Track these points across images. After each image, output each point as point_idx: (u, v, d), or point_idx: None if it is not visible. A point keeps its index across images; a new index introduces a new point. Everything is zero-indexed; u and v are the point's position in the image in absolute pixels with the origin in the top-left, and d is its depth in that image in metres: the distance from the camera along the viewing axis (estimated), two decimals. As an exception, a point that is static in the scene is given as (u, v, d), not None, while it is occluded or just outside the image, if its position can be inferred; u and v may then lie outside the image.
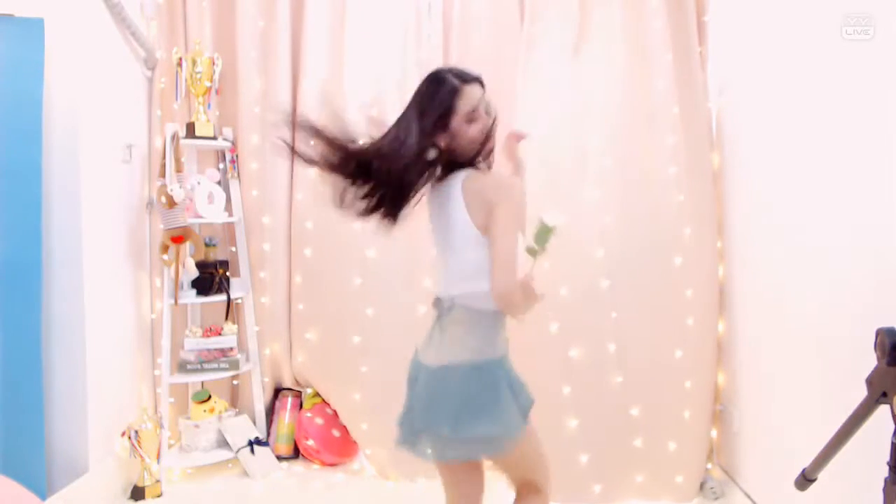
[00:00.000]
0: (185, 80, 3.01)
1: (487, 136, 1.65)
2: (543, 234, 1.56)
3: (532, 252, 1.58)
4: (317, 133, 1.63)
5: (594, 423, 2.75)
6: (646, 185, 2.80)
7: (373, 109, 3.02)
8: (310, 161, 1.66)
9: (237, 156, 3.15)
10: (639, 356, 2.77)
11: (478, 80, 1.67)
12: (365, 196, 1.64)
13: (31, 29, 2.33)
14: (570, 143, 2.84)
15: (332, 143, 1.62)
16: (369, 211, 1.66)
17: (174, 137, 2.91)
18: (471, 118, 1.63)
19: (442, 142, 1.64)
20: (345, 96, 3.03)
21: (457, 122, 1.63)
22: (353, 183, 1.64)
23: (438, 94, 1.64)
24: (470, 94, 1.63)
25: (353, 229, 3.01)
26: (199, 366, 3.04)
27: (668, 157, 2.79)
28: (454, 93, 1.62)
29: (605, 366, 2.78)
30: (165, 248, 2.88)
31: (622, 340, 2.78)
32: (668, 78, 2.79)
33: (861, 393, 1.16)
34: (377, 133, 1.67)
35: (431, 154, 1.63)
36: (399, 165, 1.60)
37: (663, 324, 2.77)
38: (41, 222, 2.37)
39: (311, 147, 1.65)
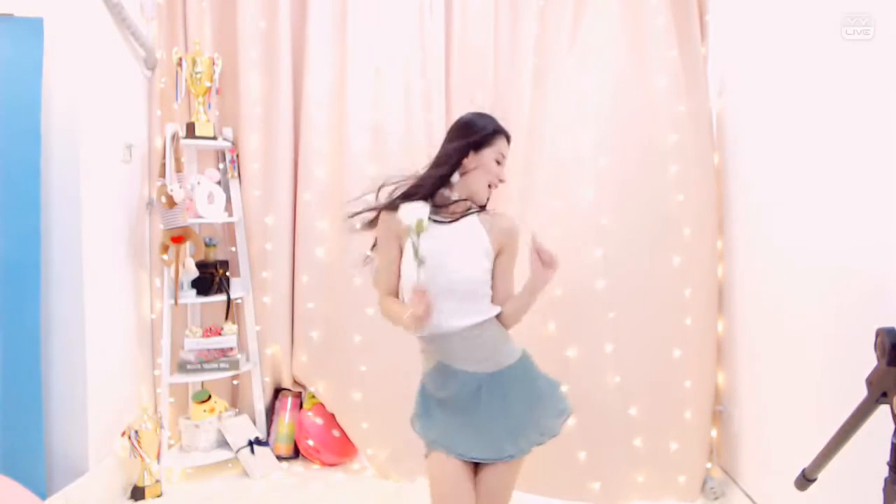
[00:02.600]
0: (185, 80, 3.01)
1: (494, 186, 1.83)
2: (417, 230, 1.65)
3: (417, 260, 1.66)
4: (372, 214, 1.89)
5: (592, 422, 2.75)
6: (646, 184, 2.80)
7: (376, 111, 3.03)
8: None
9: (237, 156, 3.15)
10: (637, 356, 2.77)
11: (509, 140, 1.86)
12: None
13: (31, 29, 2.32)
14: (571, 141, 2.84)
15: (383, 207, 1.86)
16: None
17: (174, 137, 2.91)
18: (497, 160, 1.81)
19: (470, 163, 1.80)
20: (349, 96, 3.03)
21: (487, 153, 1.80)
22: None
23: (487, 123, 1.83)
24: (504, 143, 1.83)
25: (356, 230, 3.00)
26: (199, 366, 3.04)
27: (669, 156, 2.79)
28: (497, 132, 1.82)
29: (603, 366, 2.78)
30: (165, 248, 2.87)
31: (620, 340, 2.78)
32: (670, 76, 2.79)
33: (861, 393, 1.16)
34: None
35: (455, 176, 1.81)
36: (435, 172, 1.81)
37: (662, 324, 2.77)
38: (40, 222, 2.36)
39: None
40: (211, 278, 3.04)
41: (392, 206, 1.81)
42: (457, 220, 1.81)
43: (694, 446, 2.76)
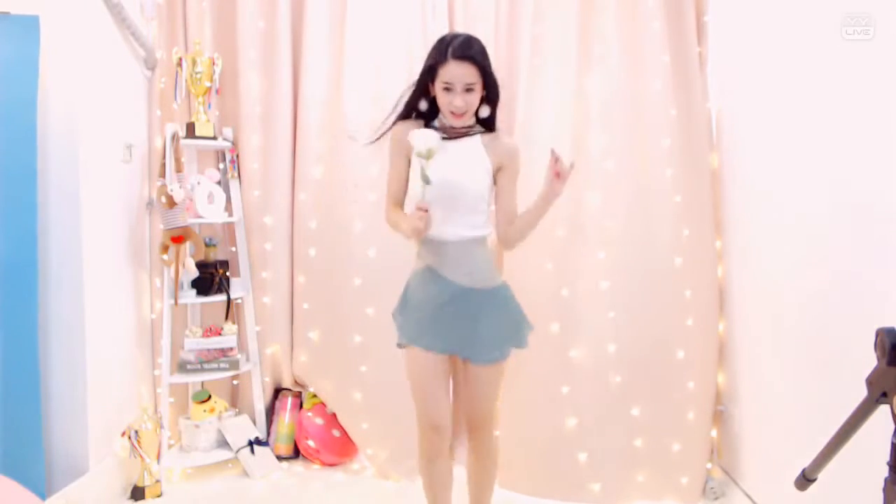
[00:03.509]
0: (185, 80, 3.01)
1: (456, 115, 1.91)
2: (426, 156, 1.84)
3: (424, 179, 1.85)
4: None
5: (593, 423, 2.76)
6: (645, 186, 2.80)
7: (376, 110, 3.02)
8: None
9: (237, 156, 3.16)
10: (639, 357, 2.77)
11: (471, 60, 1.85)
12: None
13: (26, 27, 2.31)
14: (571, 144, 2.84)
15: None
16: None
17: (174, 137, 2.91)
18: (445, 87, 1.88)
19: (432, 92, 1.95)
20: (345, 96, 3.03)
21: (437, 84, 1.90)
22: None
23: (430, 54, 1.94)
24: (453, 69, 1.85)
25: (354, 229, 3.01)
26: (199, 366, 3.04)
27: (665, 158, 2.79)
28: (440, 61, 1.87)
29: (606, 366, 2.78)
30: (165, 248, 2.87)
31: (622, 341, 2.78)
32: (666, 79, 2.79)
33: (861, 393, 1.16)
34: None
35: (423, 104, 1.99)
36: (407, 100, 2.03)
37: (664, 324, 2.77)
38: (37, 223, 2.36)
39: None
40: (211, 278, 3.04)
41: (400, 120, 2.04)
42: (455, 137, 1.97)
43: (696, 447, 2.75)
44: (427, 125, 2.00)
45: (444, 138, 1.94)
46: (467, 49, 1.86)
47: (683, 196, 2.78)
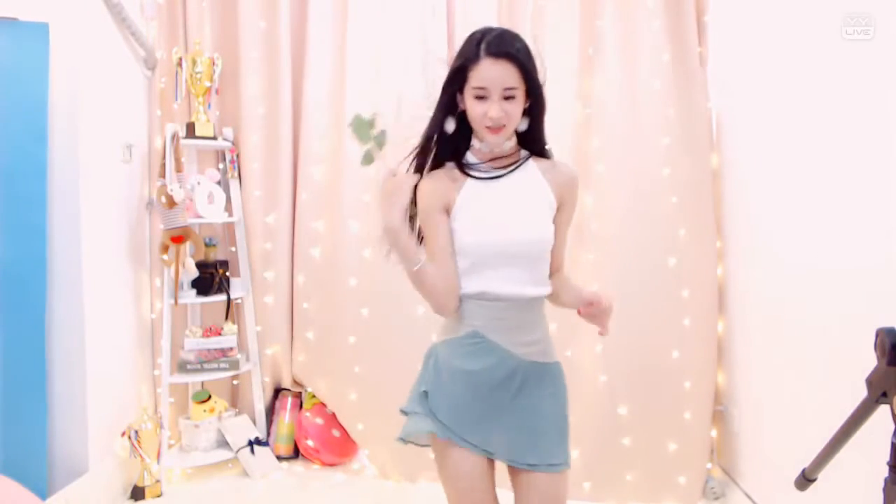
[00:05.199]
0: (185, 80, 3.01)
1: (493, 129, 1.42)
2: (360, 127, 1.51)
3: (368, 159, 1.49)
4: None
5: (586, 421, 2.76)
6: (644, 187, 2.80)
7: (375, 110, 3.02)
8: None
9: (237, 156, 3.16)
10: (634, 357, 2.77)
11: (511, 58, 1.39)
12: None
13: (37, 33, 2.33)
14: (571, 145, 2.84)
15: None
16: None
17: (174, 137, 2.91)
18: (478, 95, 1.41)
19: (461, 105, 1.48)
20: (348, 97, 3.03)
21: (467, 91, 1.44)
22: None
23: (458, 53, 1.47)
24: (487, 69, 1.39)
25: (350, 230, 3.01)
26: (199, 366, 3.04)
27: (662, 158, 2.79)
28: (472, 60, 1.41)
29: (600, 366, 2.78)
30: (165, 248, 2.87)
31: (618, 341, 2.77)
32: (665, 79, 2.79)
33: (861, 393, 1.16)
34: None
35: (450, 124, 1.50)
36: (427, 131, 1.55)
37: (660, 325, 2.77)
38: (46, 223, 2.37)
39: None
40: (211, 278, 3.04)
41: (419, 157, 1.56)
42: (511, 170, 1.51)
43: (694, 447, 2.75)
44: (460, 163, 1.52)
45: (491, 177, 1.49)
46: (507, 45, 1.39)
47: (680, 196, 2.78)
